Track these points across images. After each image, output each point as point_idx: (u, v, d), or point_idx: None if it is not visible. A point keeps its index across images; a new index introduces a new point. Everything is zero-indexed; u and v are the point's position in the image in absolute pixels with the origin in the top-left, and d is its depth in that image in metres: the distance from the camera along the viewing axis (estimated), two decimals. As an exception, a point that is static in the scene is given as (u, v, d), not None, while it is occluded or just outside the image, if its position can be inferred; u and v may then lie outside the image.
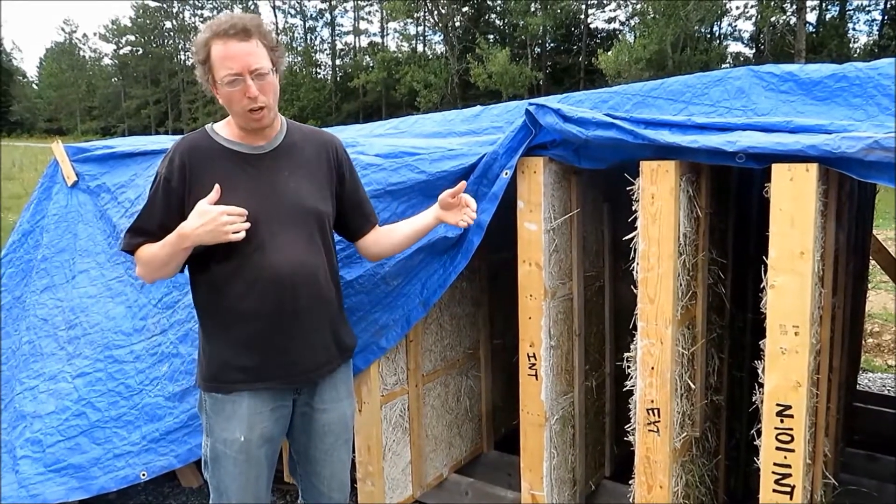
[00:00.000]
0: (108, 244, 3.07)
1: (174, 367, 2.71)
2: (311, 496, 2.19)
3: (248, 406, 1.94)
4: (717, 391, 2.72)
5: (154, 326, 2.80)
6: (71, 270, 3.07)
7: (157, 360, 2.75)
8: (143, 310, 2.85)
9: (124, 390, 2.74)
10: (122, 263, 2.97)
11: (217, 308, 1.93)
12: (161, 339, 2.78)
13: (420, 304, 2.51)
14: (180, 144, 1.93)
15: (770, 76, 2.20)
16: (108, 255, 3.04)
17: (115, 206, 3.07)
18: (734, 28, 37.83)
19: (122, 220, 3.01)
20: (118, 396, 2.74)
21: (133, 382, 2.74)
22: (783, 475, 1.94)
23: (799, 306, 1.87)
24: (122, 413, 2.71)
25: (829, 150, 1.78)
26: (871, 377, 5.13)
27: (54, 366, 2.88)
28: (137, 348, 2.79)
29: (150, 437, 2.66)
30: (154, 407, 2.69)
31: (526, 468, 2.56)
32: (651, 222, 2.11)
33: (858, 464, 3.32)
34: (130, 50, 61.59)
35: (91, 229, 3.12)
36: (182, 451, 2.65)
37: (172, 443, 2.65)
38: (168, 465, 2.65)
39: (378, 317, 2.50)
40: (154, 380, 2.73)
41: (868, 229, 3.78)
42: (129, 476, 2.64)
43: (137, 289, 2.89)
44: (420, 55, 42.85)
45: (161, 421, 2.67)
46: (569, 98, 2.60)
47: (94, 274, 3.03)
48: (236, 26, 1.79)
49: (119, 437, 2.68)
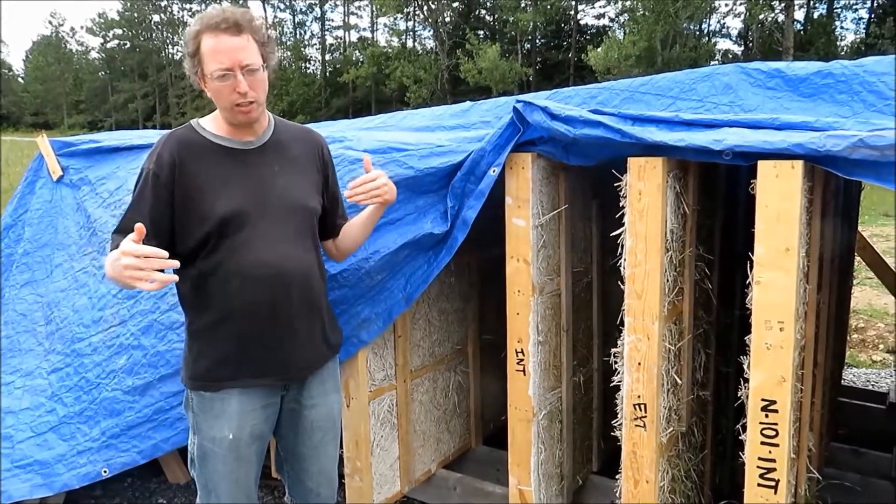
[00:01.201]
0: (79, 235, 3.02)
1: (134, 360, 2.63)
2: (298, 492, 2.19)
3: (239, 403, 1.92)
4: (703, 386, 2.74)
5: (112, 317, 2.72)
6: (50, 265, 3.04)
7: (114, 353, 2.68)
8: (101, 300, 2.78)
9: (85, 384, 2.68)
10: (88, 255, 2.92)
11: (204, 304, 1.91)
12: (120, 329, 2.69)
13: (403, 299, 2.50)
14: (167, 140, 1.91)
15: (757, 73, 2.22)
16: (78, 245, 2.99)
17: (93, 198, 3.03)
18: (723, 25, 38.13)
19: (97, 210, 2.96)
20: (80, 391, 2.68)
21: (91, 376, 2.68)
22: (768, 469, 1.96)
23: (784, 302, 1.88)
24: (84, 408, 2.65)
25: (815, 149, 1.79)
26: (855, 372, 5.18)
27: (32, 362, 2.85)
28: (95, 340, 2.72)
29: (109, 432, 2.59)
30: (112, 401, 2.61)
31: (514, 463, 2.57)
32: (638, 218, 2.12)
33: (843, 458, 3.35)
34: (118, 44, 60.99)
35: (67, 222, 3.08)
36: (146, 446, 2.57)
37: (134, 438, 2.58)
38: (130, 461, 2.58)
39: (360, 310, 2.49)
40: (111, 373, 2.65)
41: (853, 226, 3.81)
42: (90, 473, 2.58)
43: (99, 279, 2.83)
44: (410, 50, 42.76)
45: (120, 416, 2.59)
46: (557, 94, 2.60)
47: (66, 267, 2.99)
48: (228, 20, 1.77)
49: (81, 432, 2.62)
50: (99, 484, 3.32)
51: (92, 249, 2.90)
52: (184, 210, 1.84)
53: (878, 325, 6.10)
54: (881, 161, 1.74)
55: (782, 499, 1.95)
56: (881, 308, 6.63)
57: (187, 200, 1.84)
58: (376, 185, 1.95)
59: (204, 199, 1.83)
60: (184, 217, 1.85)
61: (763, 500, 1.97)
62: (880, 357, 5.55)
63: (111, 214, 2.97)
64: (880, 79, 2.01)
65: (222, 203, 1.84)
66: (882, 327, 6.05)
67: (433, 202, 2.46)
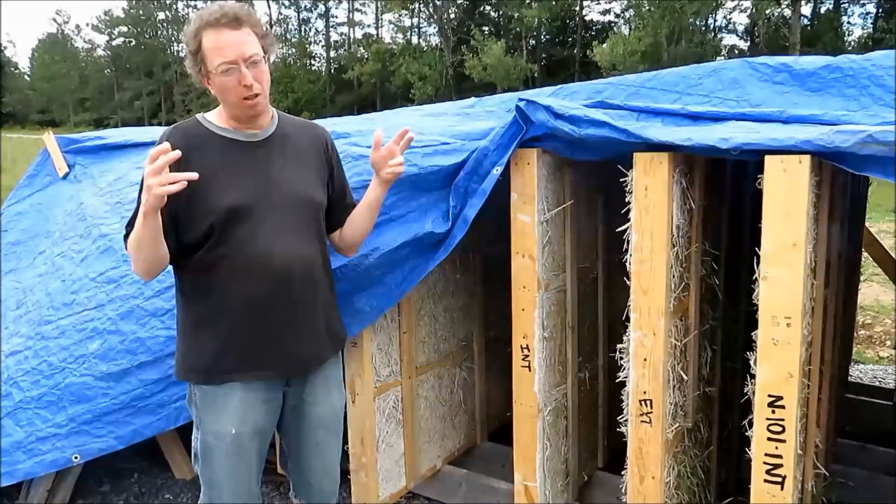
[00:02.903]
0: (64, 222, 2.99)
1: (109, 345, 2.56)
2: (302, 489, 2.19)
3: (241, 398, 1.92)
4: (709, 383, 2.73)
5: (87, 301, 2.65)
6: (35, 253, 3.01)
7: (85, 337, 2.60)
8: (76, 283, 2.71)
9: (46, 368, 2.61)
10: (69, 239, 2.88)
11: (206, 296, 1.90)
12: (95, 314, 2.62)
13: (397, 294, 2.49)
14: (172, 132, 1.90)
15: (765, 67, 2.21)
16: (61, 232, 2.95)
17: (91, 188, 3.02)
18: (729, 21, 37.85)
19: (92, 198, 2.94)
20: (40, 375, 2.60)
21: (55, 360, 2.60)
22: (774, 465, 1.95)
23: (791, 298, 1.87)
24: (43, 393, 2.57)
25: (823, 146, 1.77)
26: (862, 368, 5.16)
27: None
28: (64, 323, 2.65)
29: (79, 418, 2.52)
30: (82, 387, 2.54)
31: (519, 459, 2.57)
32: (644, 214, 2.11)
33: (850, 454, 3.34)
34: (123, 41, 61.13)
35: (57, 211, 3.07)
36: (124, 432, 2.51)
37: (111, 424, 2.51)
38: (108, 447, 2.52)
39: (355, 301, 2.48)
40: (80, 357, 2.57)
41: (861, 221, 3.79)
42: (58, 460, 2.51)
43: (76, 263, 2.78)
44: (415, 47, 42.71)
45: (92, 402, 2.52)
46: (563, 89, 2.60)
47: (48, 253, 2.96)
48: (227, 15, 1.77)
49: (41, 418, 2.54)
50: (106, 479, 3.35)
51: (74, 234, 2.84)
52: (189, 202, 1.83)
53: (885, 322, 6.08)
54: (890, 156, 1.73)
55: (789, 495, 1.95)
56: (888, 304, 6.60)
57: (193, 192, 1.83)
58: (398, 162, 2.01)
59: (209, 192, 1.83)
60: (189, 209, 1.84)
61: (770, 496, 1.96)
62: (887, 353, 5.53)
63: (105, 202, 2.93)
64: (888, 72, 2.00)
65: (227, 195, 1.84)
66: (889, 323, 6.02)
67: (435, 200, 2.45)
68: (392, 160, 2.01)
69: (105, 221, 2.90)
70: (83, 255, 2.73)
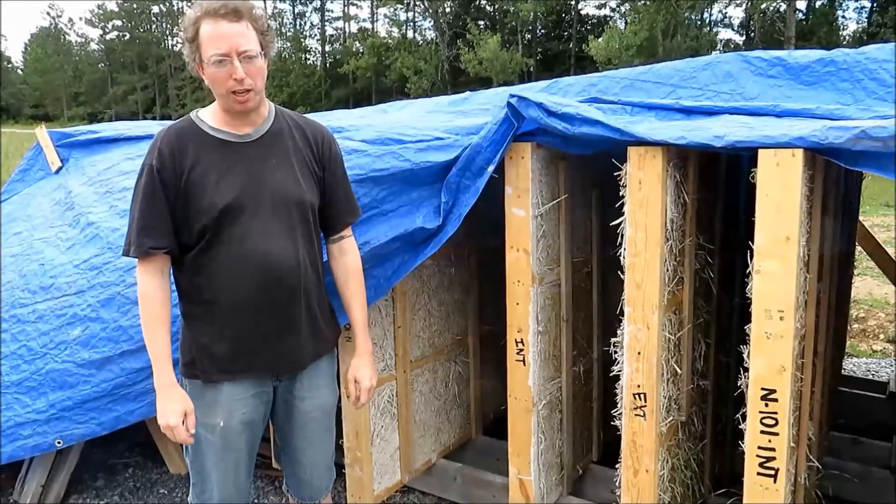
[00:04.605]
0: (51, 210, 2.96)
1: (91, 332, 2.54)
2: (293, 483, 2.20)
3: (228, 393, 1.94)
4: (703, 376, 2.74)
5: (67, 286, 2.61)
6: (8, 235, 2.97)
7: (66, 323, 2.58)
8: (56, 268, 2.68)
9: (26, 353, 2.58)
10: (55, 227, 2.85)
11: (198, 294, 1.92)
12: (75, 300, 2.59)
13: (384, 287, 2.49)
14: (166, 134, 1.90)
15: (758, 60, 2.20)
16: (46, 217, 2.91)
17: (80, 177, 2.98)
18: (724, 15, 37.87)
19: (81, 186, 2.91)
20: (20, 360, 2.57)
21: (36, 345, 2.57)
22: (767, 458, 1.96)
23: (784, 291, 1.88)
24: (24, 378, 2.54)
25: (817, 142, 1.76)
26: (855, 362, 5.18)
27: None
28: (41, 308, 2.62)
29: (60, 405, 2.51)
30: (63, 374, 2.52)
31: (514, 453, 2.57)
32: (638, 208, 2.11)
33: (843, 447, 3.35)
34: (117, 35, 60.84)
35: (42, 200, 3.03)
36: (107, 419, 2.50)
37: (93, 411, 2.50)
38: (90, 432, 2.51)
39: None
40: (61, 344, 2.54)
41: (854, 215, 3.80)
42: (41, 444, 2.50)
43: (62, 251, 2.75)
44: (410, 41, 42.60)
45: (73, 388, 2.50)
46: (557, 83, 2.59)
47: (24, 235, 2.92)
48: (227, 6, 1.77)
49: (21, 403, 2.52)
50: (100, 474, 3.35)
51: (62, 223, 2.80)
52: (183, 203, 1.85)
53: (878, 315, 6.10)
54: (883, 152, 1.73)
55: (782, 487, 1.95)
56: (882, 298, 6.63)
57: (186, 194, 1.85)
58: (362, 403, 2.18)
59: (201, 193, 1.84)
60: (183, 210, 1.85)
61: (763, 489, 1.97)
62: (881, 347, 5.55)
63: (94, 192, 2.90)
64: (882, 66, 2.00)
65: (220, 196, 1.84)
66: (882, 317, 6.05)
67: (427, 196, 2.43)
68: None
69: (93, 210, 2.87)
70: (70, 244, 2.70)
